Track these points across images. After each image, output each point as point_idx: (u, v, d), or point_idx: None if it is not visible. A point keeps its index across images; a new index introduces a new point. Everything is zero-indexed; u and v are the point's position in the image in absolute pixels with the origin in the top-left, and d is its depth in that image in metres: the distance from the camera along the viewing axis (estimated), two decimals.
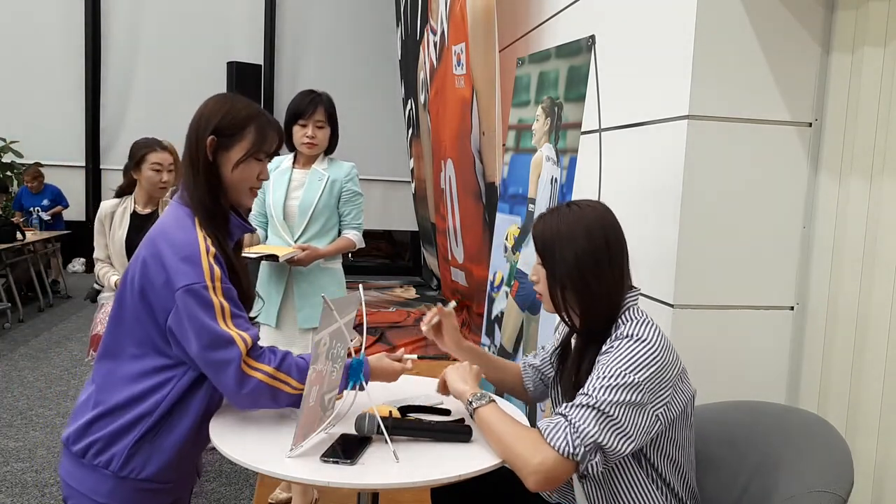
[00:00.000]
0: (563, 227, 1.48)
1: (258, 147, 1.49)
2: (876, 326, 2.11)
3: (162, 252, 1.40)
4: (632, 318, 1.45)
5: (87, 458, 1.44)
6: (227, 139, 1.47)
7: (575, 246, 1.46)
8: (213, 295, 1.38)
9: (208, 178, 1.47)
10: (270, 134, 1.51)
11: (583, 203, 1.53)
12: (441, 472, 1.32)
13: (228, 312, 1.40)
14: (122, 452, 1.43)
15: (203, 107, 1.51)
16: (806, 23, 2.33)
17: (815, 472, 1.44)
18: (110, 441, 1.44)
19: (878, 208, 2.12)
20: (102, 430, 1.44)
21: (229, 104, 1.50)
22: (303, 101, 2.58)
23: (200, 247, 1.41)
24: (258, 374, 1.39)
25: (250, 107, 1.52)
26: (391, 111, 8.42)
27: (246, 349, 1.38)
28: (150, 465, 1.45)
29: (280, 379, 1.42)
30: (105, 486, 1.44)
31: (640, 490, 1.46)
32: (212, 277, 1.39)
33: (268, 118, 1.53)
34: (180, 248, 1.40)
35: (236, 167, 1.48)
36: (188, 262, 1.38)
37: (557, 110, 2.61)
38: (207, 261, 1.40)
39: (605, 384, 1.35)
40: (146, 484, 1.46)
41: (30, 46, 8.26)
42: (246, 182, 1.50)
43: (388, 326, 5.36)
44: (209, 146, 1.46)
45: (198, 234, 1.43)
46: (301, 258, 2.53)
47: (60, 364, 4.97)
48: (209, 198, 1.47)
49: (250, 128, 1.48)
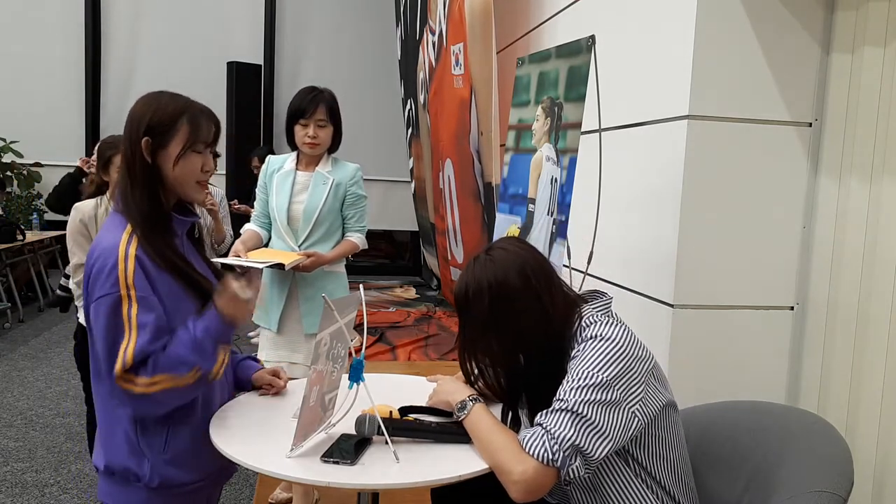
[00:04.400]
0: (470, 283, 1.48)
1: (194, 138, 1.47)
2: (876, 326, 2.11)
3: (89, 265, 1.42)
4: (596, 321, 1.45)
5: (117, 476, 1.48)
6: (161, 137, 1.45)
7: (480, 299, 1.46)
8: (124, 304, 1.37)
9: (148, 182, 1.46)
10: (204, 123, 1.49)
11: (482, 256, 1.52)
12: (441, 472, 1.33)
13: (135, 324, 1.37)
14: (147, 464, 1.45)
15: (131, 110, 1.49)
16: (806, 23, 2.33)
17: (815, 472, 1.44)
18: (136, 451, 1.46)
19: (878, 208, 2.12)
20: (122, 443, 1.46)
21: (156, 102, 1.48)
22: (304, 99, 2.54)
23: (119, 254, 1.39)
24: (136, 389, 1.36)
25: (177, 99, 1.50)
26: (391, 111, 8.42)
27: (122, 368, 1.35)
28: (176, 468, 1.47)
29: (158, 382, 1.37)
30: (139, 498, 1.47)
31: (629, 491, 1.46)
32: (127, 286, 1.38)
33: (199, 108, 1.50)
34: (98, 259, 1.41)
35: (177, 163, 1.46)
36: (103, 273, 1.38)
37: (557, 110, 2.61)
38: (124, 269, 1.38)
39: (576, 386, 1.36)
40: (176, 490, 1.48)
41: (30, 46, 8.25)
42: (190, 176, 1.49)
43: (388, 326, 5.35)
44: (145, 148, 1.45)
45: (121, 242, 1.42)
46: (306, 265, 2.50)
47: (60, 364, 4.97)
48: (147, 203, 1.46)
49: (182, 120, 1.46)
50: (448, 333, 5.11)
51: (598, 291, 1.56)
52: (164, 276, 1.43)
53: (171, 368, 1.37)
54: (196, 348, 1.39)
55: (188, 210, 1.57)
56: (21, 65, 8.24)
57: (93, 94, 8.44)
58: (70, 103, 8.41)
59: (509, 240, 1.57)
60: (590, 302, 1.52)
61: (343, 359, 1.49)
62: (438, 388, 1.63)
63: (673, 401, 1.50)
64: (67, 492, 3.08)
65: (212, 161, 1.53)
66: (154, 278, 1.42)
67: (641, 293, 2.57)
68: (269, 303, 2.63)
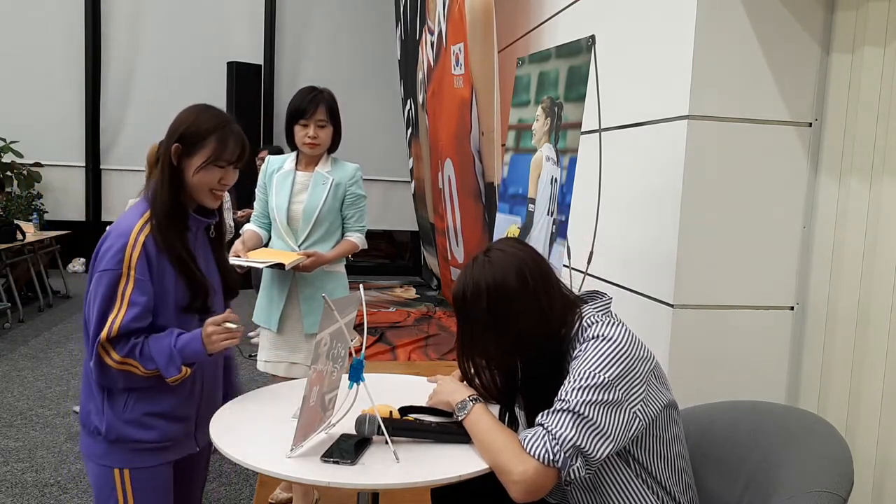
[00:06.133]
0: (467, 285, 1.48)
1: (217, 156, 1.63)
2: (876, 326, 2.11)
3: (103, 239, 1.61)
4: (597, 322, 1.45)
5: (86, 428, 1.67)
6: (189, 147, 1.63)
7: (478, 301, 1.46)
8: (122, 281, 1.56)
9: (171, 180, 1.64)
10: (232, 144, 1.65)
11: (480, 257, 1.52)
12: (441, 472, 1.33)
13: (127, 300, 1.55)
14: (105, 420, 1.62)
15: (179, 114, 1.67)
16: (806, 23, 2.33)
17: (815, 472, 1.44)
18: (99, 411, 1.63)
19: (878, 208, 2.12)
20: (91, 401, 1.65)
21: (195, 116, 1.65)
22: (303, 99, 2.53)
23: (130, 239, 1.57)
24: (108, 360, 1.56)
25: (216, 117, 1.66)
26: (391, 111, 8.42)
27: (107, 335, 1.54)
28: (130, 428, 1.62)
29: (128, 364, 1.57)
30: (101, 449, 1.64)
31: (629, 491, 1.46)
32: (129, 266, 1.56)
33: (231, 130, 1.66)
34: (111, 237, 1.59)
35: (196, 172, 1.63)
36: (111, 250, 1.57)
37: (557, 110, 2.61)
38: (130, 252, 1.56)
39: (577, 386, 1.36)
40: (132, 445, 1.63)
41: (30, 46, 8.25)
42: (205, 185, 1.65)
43: (388, 326, 5.36)
44: (174, 152, 1.63)
45: (135, 228, 1.59)
46: (306, 265, 2.50)
47: (60, 364, 4.97)
48: (168, 196, 1.63)
49: (211, 138, 1.63)
50: (448, 333, 5.11)
51: (598, 292, 1.56)
52: (166, 263, 1.60)
53: (142, 360, 1.57)
54: (169, 357, 1.58)
55: (207, 211, 1.74)
56: (21, 65, 8.24)
57: (93, 94, 8.45)
58: (70, 103, 8.41)
59: (508, 241, 1.57)
60: (590, 302, 1.52)
61: (343, 359, 1.50)
62: (438, 388, 1.63)
63: (674, 401, 1.50)
64: (67, 492, 3.08)
65: (232, 176, 1.69)
66: (154, 265, 1.59)
67: (641, 293, 2.57)
68: (269, 303, 2.63)
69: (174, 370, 1.58)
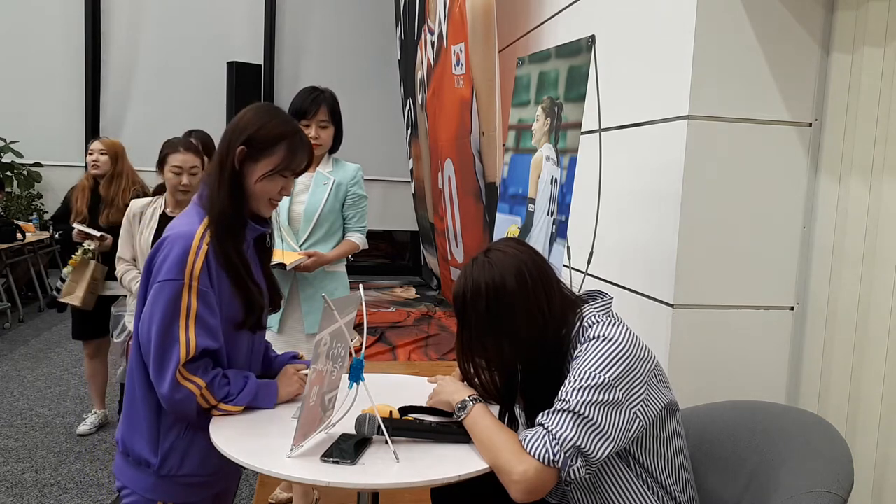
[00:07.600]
0: (467, 286, 1.48)
1: (285, 165, 1.53)
2: (876, 326, 2.11)
3: (159, 246, 1.47)
4: (597, 322, 1.45)
5: (131, 458, 1.54)
6: (256, 152, 1.51)
7: (478, 301, 1.46)
8: (185, 293, 1.43)
9: (231, 184, 1.51)
10: (300, 154, 1.55)
11: (480, 257, 1.52)
12: (441, 472, 1.32)
13: (194, 315, 1.43)
14: (159, 453, 1.50)
15: (242, 114, 1.55)
16: (806, 23, 2.33)
17: (815, 472, 1.44)
18: (153, 441, 1.51)
19: (878, 208, 2.12)
20: (138, 430, 1.52)
21: (266, 117, 1.54)
22: (305, 99, 2.53)
23: (192, 246, 1.45)
24: (191, 385, 1.44)
25: (287, 124, 1.56)
26: (391, 111, 8.42)
27: (185, 357, 1.42)
28: (186, 462, 1.52)
29: (206, 397, 1.47)
30: (147, 483, 1.52)
31: (629, 492, 1.46)
32: (191, 276, 1.43)
33: (301, 138, 1.56)
34: (170, 242, 1.46)
35: (260, 180, 1.52)
36: (173, 260, 1.43)
37: (557, 110, 2.61)
38: (193, 260, 1.44)
39: (578, 386, 1.36)
40: (182, 480, 1.53)
41: (30, 46, 8.25)
42: (266, 194, 1.54)
43: (388, 326, 5.35)
44: (238, 155, 1.50)
45: (196, 234, 1.47)
46: (307, 265, 2.50)
47: (60, 364, 4.97)
48: (229, 202, 1.50)
49: (281, 146, 1.52)
50: (448, 333, 5.11)
51: (599, 291, 1.56)
52: (223, 276, 1.49)
53: (220, 395, 1.47)
54: (249, 391, 1.52)
55: (263, 220, 1.61)
56: (21, 65, 8.24)
57: (93, 94, 8.44)
58: (70, 103, 8.40)
59: (508, 241, 1.57)
60: (590, 302, 1.52)
61: (343, 359, 1.50)
62: (438, 388, 1.63)
63: (674, 401, 1.50)
64: (67, 492, 3.08)
65: (292, 186, 1.60)
66: (214, 277, 1.47)
67: (641, 293, 2.57)
68: None
69: (245, 399, 1.51)
